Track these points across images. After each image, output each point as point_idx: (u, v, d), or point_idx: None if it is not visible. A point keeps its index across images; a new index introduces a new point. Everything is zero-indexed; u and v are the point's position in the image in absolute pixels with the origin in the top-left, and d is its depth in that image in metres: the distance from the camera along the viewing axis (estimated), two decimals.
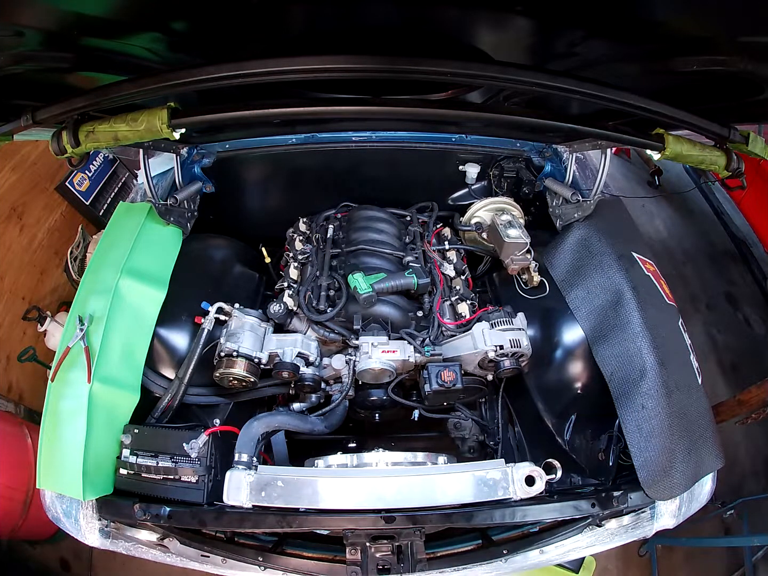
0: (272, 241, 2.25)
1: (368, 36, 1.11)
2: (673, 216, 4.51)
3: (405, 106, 1.27)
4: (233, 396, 1.70)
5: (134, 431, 1.42)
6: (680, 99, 1.21)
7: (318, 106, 1.29)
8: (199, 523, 1.35)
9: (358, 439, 1.99)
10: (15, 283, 2.81)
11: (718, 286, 4.02)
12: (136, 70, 1.15)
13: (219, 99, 1.50)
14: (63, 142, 1.20)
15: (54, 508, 1.42)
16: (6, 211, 2.76)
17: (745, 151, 1.36)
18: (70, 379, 1.42)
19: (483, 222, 2.12)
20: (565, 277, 1.80)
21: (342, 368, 1.70)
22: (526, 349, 1.66)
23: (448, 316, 1.84)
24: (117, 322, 1.52)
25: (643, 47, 1.16)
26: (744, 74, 1.14)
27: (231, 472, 1.31)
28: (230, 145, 2.10)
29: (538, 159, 2.19)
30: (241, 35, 1.18)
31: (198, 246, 1.99)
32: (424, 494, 1.29)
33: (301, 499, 1.28)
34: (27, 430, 2.35)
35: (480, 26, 1.20)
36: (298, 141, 2.09)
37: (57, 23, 0.98)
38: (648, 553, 2.68)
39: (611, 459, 1.51)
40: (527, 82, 1.07)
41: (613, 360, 1.56)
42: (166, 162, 1.99)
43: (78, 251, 2.92)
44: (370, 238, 2.04)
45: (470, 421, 1.90)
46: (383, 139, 2.11)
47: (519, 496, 1.30)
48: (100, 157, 3.38)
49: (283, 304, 1.76)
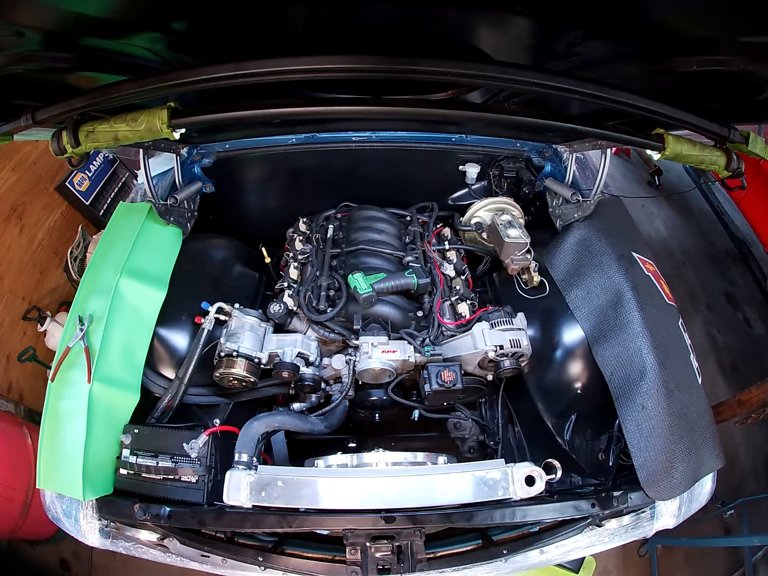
0: (272, 241, 2.25)
1: (368, 36, 1.11)
2: (673, 216, 4.51)
3: (405, 106, 1.27)
4: (233, 396, 1.70)
5: (134, 431, 1.42)
6: (680, 99, 1.21)
7: (318, 106, 1.29)
8: (199, 523, 1.35)
9: (358, 439, 1.98)
10: (15, 283, 2.81)
11: (718, 286, 4.02)
12: (136, 70, 1.15)
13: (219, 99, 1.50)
14: (63, 142, 1.20)
15: (54, 508, 1.42)
16: (6, 211, 2.75)
17: (745, 151, 1.35)
18: (70, 379, 1.43)
19: (483, 222, 2.12)
20: (565, 277, 1.80)
21: (342, 368, 1.70)
22: (526, 349, 1.66)
23: (448, 316, 1.84)
24: (117, 322, 1.52)
25: (644, 47, 1.16)
26: (744, 74, 1.14)
27: (231, 472, 1.31)
28: (230, 145, 2.10)
29: (538, 159, 2.18)
30: (242, 35, 1.19)
31: (198, 246, 1.99)
32: (424, 494, 1.29)
33: (301, 499, 1.28)
34: (27, 430, 2.35)
35: (480, 26, 1.20)
36: (298, 141, 2.09)
37: (57, 23, 0.98)
38: (648, 553, 2.68)
39: (611, 459, 1.51)
40: (527, 82, 1.07)
41: (613, 360, 1.56)
42: (166, 162, 1.99)
43: (78, 251, 2.92)
44: (370, 238, 2.04)
45: (470, 421, 1.90)
46: (383, 139, 2.11)
47: (519, 496, 1.30)
48: (100, 157, 3.38)
49: (283, 304, 1.76)
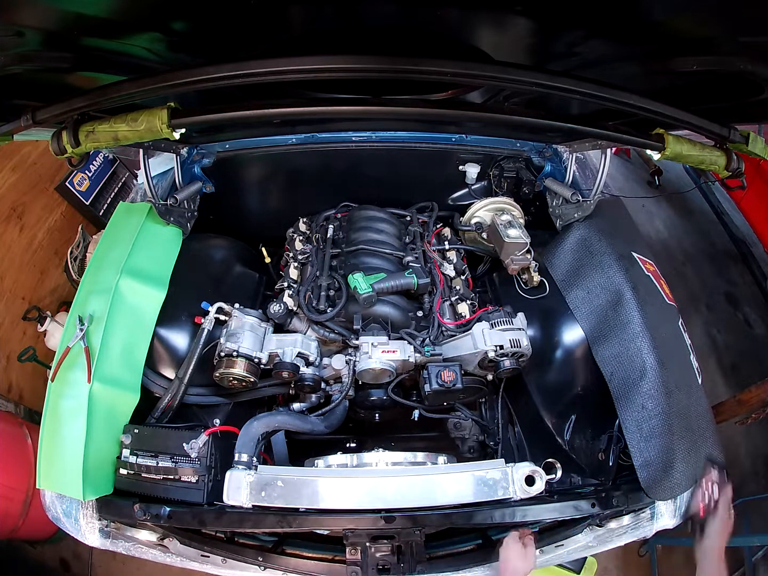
0: (272, 241, 2.25)
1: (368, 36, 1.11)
2: (673, 216, 4.51)
3: (405, 106, 1.27)
4: (233, 396, 1.70)
5: (134, 431, 1.42)
6: (680, 99, 1.21)
7: (318, 106, 1.28)
8: (199, 523, 1.35)
9: (358, 439, 1.98)
10: (15, 283, 2.81)
11: (718, 286, 4.02)
12: (136, 70, 1.15)
13: (219, 99, 1.50)
14: (63, 142, 1.20)
15: (54, 508, 1.42)
16: (6, 211, 2.75)
17: (745, 151, 1.35)
18: (70, 379, 1.42)
19: (483, 222, 2.12)
20: (565, 277, 1.80)
21: (342, 368, 1.70)
22: (526, 349, 1.65)
23: (448, 316, 1.84)
24: (117, 322, 1.52)
25: (643, 47, 1.15)
26: (744, 74, 1.13)
27: (231, 472, 1.31)
28: (230, 145, 2.10)
29: (538, 159, 2.18)
30: (241, 35, 1.18)
31: (198, 246, 1.99)
32: (424, 494, 1.29)
33: (301, 499, 1.28)
34: (27, 430, 2.35)
35: (480, 26, 1.20)
36: (298, 141, 2.08)
37: (57, 23, 0.98)
38: (648, 553, 2.67)
39: (611, 459, 1.51)
40: (527, 82, 1.07)
41: (613, 360, 1.56)
42: (166, 162, 1.99)
43: (78, 251, 2.92)
44: (370, 238, 2.04)
45: (470, 421, 1.90)
46: (383, 139, 2.10)
47: (519, 496, 1.30)
48: (100, 157, 3.38)
49: (283, 304, 1.76)
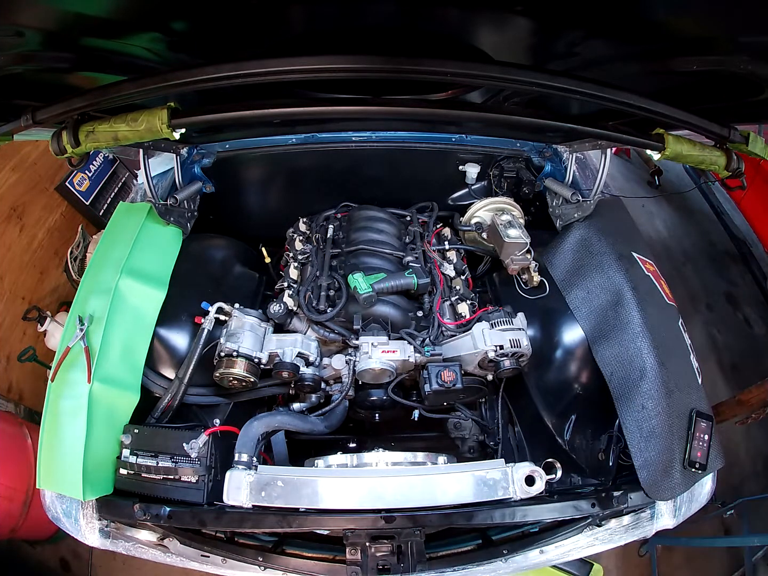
0: (272, 241, 2.25)
1: (368, 36, 1.11)
2: (673, 216, 4.51)
3: (405, 106, 1.27)
4: (233, 396, 1.69)
5: (134, 431, 1.42)
6: (680, 99, 1.21)
7: (318, 106, 1.29)
8: (199, 523, 1.35)
9: (358, 439, 1.98)
10: (15, 283, 2.81)
11: (718, 286, 4.02)
12: (136, 70, 1.15)
13: (219, 99, 1.50)
14: (63, 142, 1.20)
15: (54, 508, 1.42)
16: (6, 211, 2.75)
17: (745, 151, 1.35)
18: (70, 379, 1.42)
19: (483, 222, 2.12)
20: (565, 277, 1.80)
21: (342, 368, 1.70)
22: (526, 349, 1.65)
23: (448, 316, 1.84)
24: (117, 322, 1.52)
25: (643, 47, 1.15)
26: (744, 74, 1.14)
27: (231, 472, 1.31)
28: (230, 145, 2.10)
29: (538, 159, 2.18)
30: (241, 35, 1.18)
31: (198, 246, 1.99)
32: (424, 494, 1.29)
33: (301, 499, 1.28)
34: (27, 430, 2.35)
35: (480, 26, 1.20)
36: (298, 141, 2.09)
37: (57, 23, 0.98)
38: (648, 553, 2.68)
39: (611, 459, 1.51)
40: (527, 82, 1.07)
41: (613, 360, 1.56)
42: (166, 162, 1.99)
43: (78, 251, 2.92)
44: (370, 238, 2.04)
45: (470, 421, 1.89)
46: (383, 139, 2.11)
47: (519, 496, 1.30)
48: (100, 157, 3.38)
49: (283, 304, 1.76)
